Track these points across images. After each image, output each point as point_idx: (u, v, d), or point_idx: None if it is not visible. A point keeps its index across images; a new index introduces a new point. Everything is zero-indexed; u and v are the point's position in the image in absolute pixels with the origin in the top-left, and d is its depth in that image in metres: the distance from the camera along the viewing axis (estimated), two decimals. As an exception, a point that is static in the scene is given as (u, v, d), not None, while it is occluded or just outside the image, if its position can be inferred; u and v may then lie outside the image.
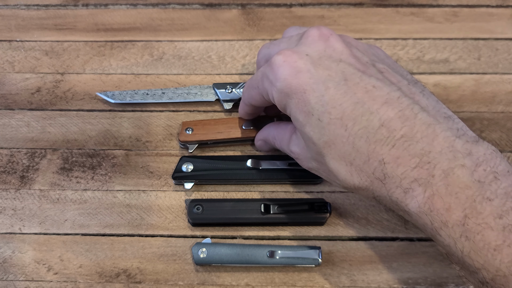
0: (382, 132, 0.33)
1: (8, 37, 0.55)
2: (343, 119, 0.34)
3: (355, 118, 0.34)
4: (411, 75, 0.39)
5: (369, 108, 0.34)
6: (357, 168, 0.35)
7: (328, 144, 0.35)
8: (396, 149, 0.33)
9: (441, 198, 0.31)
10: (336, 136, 0.35)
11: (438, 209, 0.31)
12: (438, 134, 0.33)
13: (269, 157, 0.47)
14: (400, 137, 0.33)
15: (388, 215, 0.45)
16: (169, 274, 0.43)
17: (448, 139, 0.32)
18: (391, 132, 0.33)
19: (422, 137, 0.33)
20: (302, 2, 0.56)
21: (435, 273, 0.43)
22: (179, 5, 0.57)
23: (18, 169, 0.47)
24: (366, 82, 0.35)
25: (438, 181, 0.31)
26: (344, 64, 0.36)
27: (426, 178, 0.32)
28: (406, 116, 0.33)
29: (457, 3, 0.56)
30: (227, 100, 0.49)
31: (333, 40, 0.38)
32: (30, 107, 0.51)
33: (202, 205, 0.44)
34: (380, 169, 0.33)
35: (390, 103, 0.34)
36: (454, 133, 0.33)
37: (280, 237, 0.45)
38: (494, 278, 0.30)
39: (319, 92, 0.35)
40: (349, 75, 0.35)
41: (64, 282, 0.43)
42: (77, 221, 0.45)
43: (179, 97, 0.50)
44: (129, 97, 0.50)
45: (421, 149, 0.32)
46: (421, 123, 0.33)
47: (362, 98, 0.34)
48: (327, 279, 0.43)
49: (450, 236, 0.31)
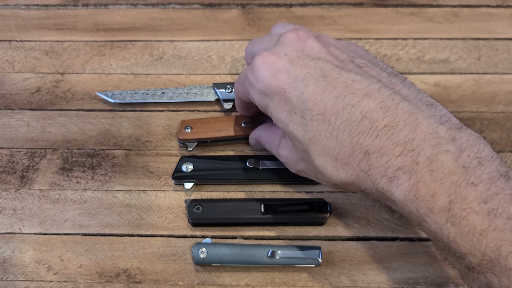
0: (365, 124, 0.33)
1: (8, 37, 0.55)
2: (325, 114, 0.35)
3: (337, 112, 0.34)
4: (391, 68, 0.39)
5: (350, 101, 0.34)
6: (342, 162, 0.35)
7: (312, 140, 0.35)
8: (379, 139, 0.33)
9: (426, 185, 0.31)
10: (320, 131, 0.35)
11: (424, 196, 0.31)
12: (421, 122, 0.33)
13: (269, 157, 0.47)
14: (383, 127, 0.33)
15: (388, 215, 0.45)
16: (169, 274, 0.43)
17: (431, 126, 0.32)
18: (373, 123, 0.33)
19: (404, 125, 0.33)
20: (302, 2, 0.56)
21: (435, 273, 0.43)
22: (179, 5, 0.57)
23: (18, 169, 0.47)
24: (346, 77, 0.35)
25: (423, 167, 0.31)
26: (322, 62, 0.37)
27: (410, 165, 0.32)
28: (388, 106, 0.34)
29: (457, 3, 0.56)
30: (227, 99, 0.49)
31: (310, 41, 0.38)
32: (30, 107, 0.51)
33: (202, 205, 0.44)
34: (364, 160, 0.33)
35: (371, 95, 0.34)
36: (437, 119, 0.33)
37: (280, 237, 0.45)
38: (480, 263, 0.30)
39: (298, 90, 0.36)
40: (328, 71, 0.36)
41: (64, 282, 0.43)
42: (77, 221, 0.45)
43: (179, 97, 0.50)
44: (129, 97, 0.50)
45: (405, 137, 0.32)
46: (403, 112, 0.33)
47: (342, 92, 0.35)
48: (327, 279, 0.43)
49: (436, 222, 0.31)
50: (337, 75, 0.36)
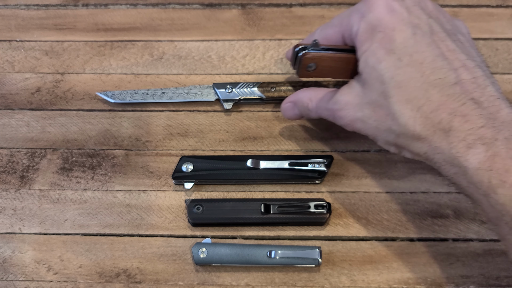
0: (456, 89, 0.35)
1: (8, 37, 0.55)
2: (422, 65, 0.36)
3: (434, 69, 0.36)
4: (482, 57, 0.40)
5: (448, 64, 0.36)
6: (423, 115, 0.36)
7: (399, 84, 0.36)
8: (466, 107, 0.35)
9: (502, 160, 0.33)
10: (411, 78, 0.36)
11: (498, 169, 0.33)
12: (503, 108, 0.35)
13: (269, 157, 0.47)
14: (471, 98, 0.35)
15: (388, 215, 0.45)
16: (169, 274, 0.43)
17: (510, 115, 0.35)
18: (464, 92, 0.35)
19: (489, 106, 0.35)
20: (302, 2, 0.56)
21: (435, 273, 0.43)
22: (179, 5, 0.57)
23: (18, 169, 0.47)
24: (449, 43, 0.38)
25: (500, 144, 0.33)
26: (432, 20, 0.39)
27: (490, 139, 0.34)
28: (478, 84, 0.36)
29: (457, 3, 0.56)
30: (227, 100, 0.49)
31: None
32: (30, 107, 0.51)
33: (202, 205, 0.44)
34: (447, 120, 0.35)
35: (467, 68, 0.36)
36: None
37: (280, 237, 0.45)
38: None
39: (406, 34, 0.37)
40: (436, 30, 0.38)
41: (64, 282, 0.43)
42: (77, 221, 0.45)
43: (179, 96, 0.50)
44: (129, 97, 0.50)
45: (488, 114, 0.34)
46: (490, 94, 0.35)
47: (443, 53, 0.37)
48: (327, 279, 0.43)
49: (507, 195, 0.33)
50: (443, 37, 0.38)
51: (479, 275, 0.43)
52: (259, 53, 0.53)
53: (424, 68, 0.36)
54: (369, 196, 0.46)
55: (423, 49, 0.37)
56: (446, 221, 0.45)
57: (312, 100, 0.43)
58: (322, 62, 0.41)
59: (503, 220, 0.33)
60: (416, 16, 0.38)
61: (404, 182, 0.46)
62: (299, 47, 0.40)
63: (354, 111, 0.40)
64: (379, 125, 0.38)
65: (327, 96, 0.42)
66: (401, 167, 0.47)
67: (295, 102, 0.45)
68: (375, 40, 0.38)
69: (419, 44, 0.37)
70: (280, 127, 0.49)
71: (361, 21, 0.39)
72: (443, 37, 0.38)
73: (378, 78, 0.37)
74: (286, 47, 0.53)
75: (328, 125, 0.49)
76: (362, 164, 0.47)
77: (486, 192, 0.33)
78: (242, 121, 0.50)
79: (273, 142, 0.49)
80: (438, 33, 0.38)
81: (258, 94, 0.49)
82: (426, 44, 0.37)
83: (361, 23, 0.39)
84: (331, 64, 0.41)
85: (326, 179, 0.47)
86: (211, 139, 0.49)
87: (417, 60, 0.36)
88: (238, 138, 0.49)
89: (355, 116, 0.40)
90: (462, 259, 0.43)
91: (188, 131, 0.49)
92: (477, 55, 0.39)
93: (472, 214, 0.45)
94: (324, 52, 0.40)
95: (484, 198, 0.34)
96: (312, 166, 0.46)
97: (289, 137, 0.49)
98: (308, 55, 0.40)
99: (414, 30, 0.37)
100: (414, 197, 0.46)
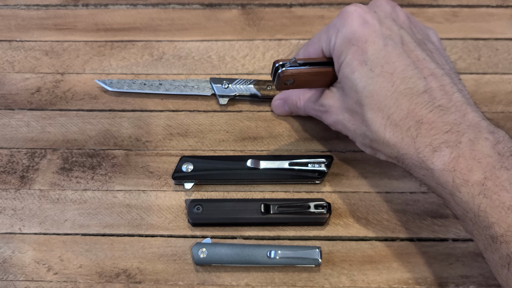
0: (424, 97, 0.37)
1: (8, 37, 0.55)
2: (393, 75, 0.38)
3: (404, 78, 0.38)
4: (452, 63, 0.42)
5: (417, 73, 0.38)
6: (393, 122, 0.38)
7: (371, 94, 0.38)
8: (433, 114, 0.37)
9: (466, 160, 0.35)
10: (382, 88, 0.38)
11: (462, 169, 0.35)
12: (469, 113, 0.37)
13: (269, 157, 0.47)
14: (438, 105, 0.37)
15: (388, 215, 0.45)
16: (169, 274, 0.43)
17: (476, 118, 0.37)
18: (432, 99, 0.37)
19: (455, 111, 0.37)
20: (302, 2, 0.56)
21: (435, 273, 0.43)
22: (179, 5, 0.57)
23: (18, 169, 0.47)
24: (419, 52, 0.39)
25: (464, 146, 0.35)
26: (403, 31, 0.40)
27: (454, 142, 0.35)
28: (446, 91, 0.38)
29: (457, 3, 0.56)
30: (222, 95, 0.50)
31: (398, 9, 0.42)
32: (30, 107, 0.51)
33: (202, 205, 0.44)
34: (414, 128, 0.37)
35: (435, 76, 0.38)
36: (480, 115, 0.37)
37: (280, 237, 0.45)
38: (505, 234, 0.33)
39: (378, 46, 0.39)
40: (406, 41, 0.40)
41: (64, 282, 0.43)
42: (77, 221, 0.45)
43: (176, 89, 0.50)
44: (127, 86, 0.50)
45: (454, 119, 0.36)
46: (456, 100, 0.37)
47: (413, 63, 0.38)
48: (327, 279, 0.43)
49: (469, 193, 0.34)
50: (413, 47, 0.39)
51: (479, 275, 0.43)
52: (259, 53, 0.53)
53: (394, 78, 0.38)
54: (369, 196, 0.46)
55: (393, 59, 0.38)
56: (446, 221, 0.45)
57: (300, 99, 0.46)
58: (300, 77, 0.42)
59: (468, 216, 0.35)
60: (388, 28, 0.40)
61: (404, 182, 0.46)
62: (278, 64, 0.41)
63: (336, 114, 0.42)
64: (356, 129, 0.41)
65: (313, 96, 0.45)
66: (401, 167, 0.47)
67: (285, 100, 0.48)
68: (350, 52, 0.39)
69: (390, 55, 0.38)
70: (280, 127, 0.49)
71: (337, 35, 0.40)
72: (413, 47, 0.39)
73: (353, 87, 0.39)
74: (286, 47, 0.54)
75: (328, 125, 0.49)
76: (362, 164, 0.47)
77: (451, 191, 0.35)
78: (242, 121, 0.50)
79: (273, 142, 0.49)
80: (409, 44, 0.40)
81: (253, 91, 0.49)
82: (397, 54, 0.38)
83: (337, 38, 0.40)
84: (308, 78, 0.42)
85: (326, 179, 0.47)
86: (211, 139, 0.49)
87: (388, 70, 0.38)
88: (238, 138, 0.49)
89: (337, 118, 0.42)
90: (462, 259, 0.43)
91: (188, 131, 0.49)
92: (446, 62, 0.41)
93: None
94: (302, 68, 0.42)
95: (450, 197, 0.36)
96: (312, 166, 0.46)
97: (289, 137, 0.49)
98: (286, 73, 0.41)
99: (385, 41, 0.39)
100: (414, 197, 0.46)
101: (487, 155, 0.35)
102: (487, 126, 0.36)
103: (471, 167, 0.35)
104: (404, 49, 0.39)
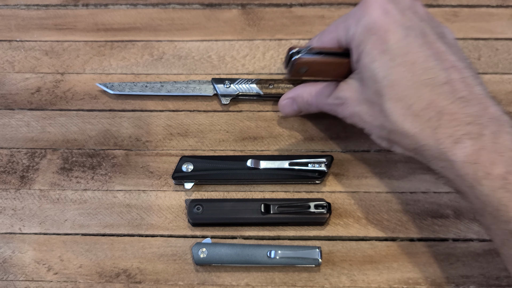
0: (446, 88, 0.37)
1: (8, 37, 0.55)
2: (414, 65, 0.37)
3: (425, 68, 0.37)
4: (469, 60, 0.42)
5: (439, 64, 0.37)
6: (413, 113, 0.37)
7: (392, 83, 0.38)
8: (454, 105, 0.36)
9: (488, 153, 0.34)
10: (403, 78, 0.37)
11: (484, 162, 0.34)
12: (490, 106, 0.36)
13: (269, 157, 0.47)
14: (460, 97, 0.36)
15: (388, 215, 0.45)
16: (169, 274, 0.43)
17: (497, 112, 0.36)
18: (453, 91, 0.37)
19: (477, 104, 0.36)
20: (302, 2, 0.56)
21: (435, 273, 0.43)
22: (179, 5, 0.57)
23: (18, 169, 0.47)
24: (440, 45, 0.39)
25: (487, 139, 0.35)
26: (424, 24, 0.40)
27: (476, 134, 0.35)
28: (467, 83, 0.37)
29: (457, 3, 0.56)
30: (225, 95, 0.50)
31: (418, 3, 0.42)
32: (30, 107, 0.51)
33: (202, 205, 0.44)
34: (436, 118, 0.36)
35: (457, 68, 0.38)
36: (501, 109, 0.37)
37: (280, 237, 0.45)
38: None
39: (399, 35, 0.38)
40: (427, 33, 0.39)
41: (64, 282, 0.43)
42: (77, 221, 0.45)
43: (177, 90, 0.50)
44: (128, 88, 0.50)
45: (475, 112, 0.36)
46: (478, 93, 0.37)
47: (434, 54, 0.38)
48: (327, 279, 0.43)
49: (491, 186, 0.34)
50: (434, 40, 0.39)
51: (479, 275, 0.43)
52: (259, 53, 0.53)
53: (415, 68, 0.37)
54: (369, 196, 0.46)
55: (415, 50, 0.38)
56: (446, 221, 0.45)
57: (312, 95, 0.45)
58: (314, 66, 0.42)
59: (487, 210, 0.35)
60: (409, 19, 0.40)
61: (404, 182, 0.46)
62: (293, 51, 0.41)
63: (353, 106, 0.41)
64: (373, 120, 0.40)
65: (326, 91, 0.44)
66: (401, 167, 0.47)
67: (294, 98, 0.46)
68: (370, 41, 0.39)
69: (411, 45, 0.38)
70: (280, 127, 0.49)
71: (357, 24, 0.40)
72: (434, 40, 0.39)
73: (372, 77, 0.39)
74: (286, 47, 0.53)
75: (328, 125, 0.49)
76: (362, 164, 0.47)
77: (472, 184, 0.35)
78: (242, 121, 0.50)
79: (273, 142, 0.49)
80: (430, 35, 0.39)
81: (256, 90, 0.49)
82: (418, 45, 0.38)
83: (357, 27, 0.40)
84: (323, 68, 0.42)
85: (326, 179, 0.47)
86: (211, 139, 0.49)
87: (409, 60, 0.38)
88: (238, 138, 0.49)
89: (354, 110, 0.42)
90: (462, 259, 0.43)
91: (188, 131, 0.49)
92: (464, 58, 0.41)
93: (472, 214, 0.45)
94: (317, 57, 0.41)
95: (470, 190, 0.35)
96: (312, 166, 0.46)
97: (289, 137, 0.49)
98: (301, 60, 0.41)
99: (406, 32, 0.39)
100: (414, 197, 0.46)
101: (509, 149, 0.34)
102: (508, 121, 0.36)
103: (494, 160, 0.34)
104: (425, 40, 0.39)
